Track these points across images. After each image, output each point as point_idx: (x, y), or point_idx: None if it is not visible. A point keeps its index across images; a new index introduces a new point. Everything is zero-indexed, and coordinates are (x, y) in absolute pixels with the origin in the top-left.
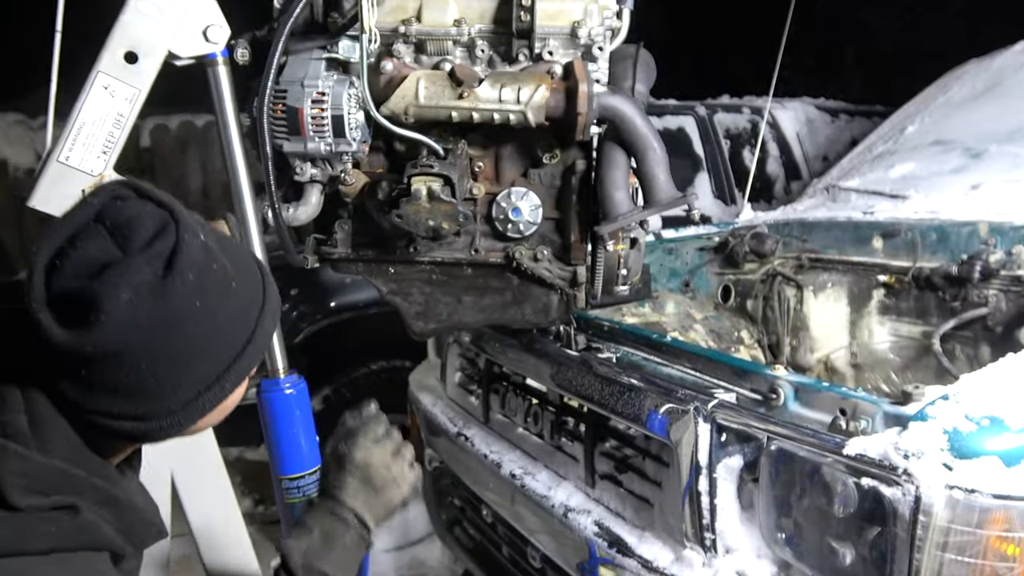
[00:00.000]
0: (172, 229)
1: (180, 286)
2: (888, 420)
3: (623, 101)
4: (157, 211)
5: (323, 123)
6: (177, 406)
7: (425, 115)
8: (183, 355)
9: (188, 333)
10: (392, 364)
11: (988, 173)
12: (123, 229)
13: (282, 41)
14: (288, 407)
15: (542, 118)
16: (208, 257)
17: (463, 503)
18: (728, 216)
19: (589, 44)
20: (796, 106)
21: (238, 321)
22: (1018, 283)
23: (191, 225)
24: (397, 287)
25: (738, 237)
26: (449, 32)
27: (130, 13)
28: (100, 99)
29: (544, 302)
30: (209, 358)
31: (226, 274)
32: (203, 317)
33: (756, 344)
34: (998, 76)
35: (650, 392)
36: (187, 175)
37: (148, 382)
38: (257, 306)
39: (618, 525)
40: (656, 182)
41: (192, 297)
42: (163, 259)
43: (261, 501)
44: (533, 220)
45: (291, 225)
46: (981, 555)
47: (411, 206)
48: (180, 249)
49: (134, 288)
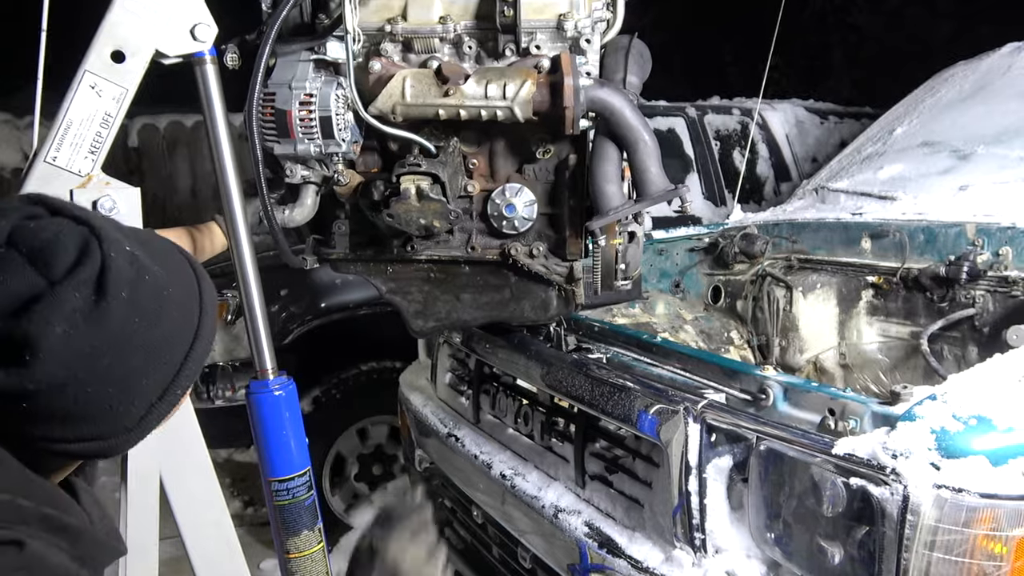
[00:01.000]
0: (95, 247)
1: (115, 308)
2: (876, 420)
3: (611, 93)
4: (75, 228)
5: (312, 125)
6: (133, 422)
7: (413, 113)
8: (132, 373)
9: (133, 350)
10: (382, 365)
11: (976, 174)
12: (42, 254)
13: (270, 43)
14: (277, 408)
15: (530, 113)
16: (138, 269)
17: (453, 504)
18: (718, 217)
19: (576, 37)
20: (786, 107)
21: (179, 325)
22: (1005, 284)
23: (114, 239)
24: (396, 286)
25: (728, 238)
26: (435, 29)
27: (117, 12)
28: (87, 98)
29: (543, 298)
30: (159, 367)
31: (158, 282)
32: (144, 331)
33: (746, 345)
34: (986, 78)
35: (640, 393)
36: (176, 175)
37: (101, 405)
38: (196, 301)
39: (608, 525)
40: (648, 175)
41: (129, 315)
42: (91, 283)
43: (251, 503)
44: (528, 216)
45: (287, 227)
46: (968, 554)
47: (401, 205)
48: (107, 268)
49: (66, 319)
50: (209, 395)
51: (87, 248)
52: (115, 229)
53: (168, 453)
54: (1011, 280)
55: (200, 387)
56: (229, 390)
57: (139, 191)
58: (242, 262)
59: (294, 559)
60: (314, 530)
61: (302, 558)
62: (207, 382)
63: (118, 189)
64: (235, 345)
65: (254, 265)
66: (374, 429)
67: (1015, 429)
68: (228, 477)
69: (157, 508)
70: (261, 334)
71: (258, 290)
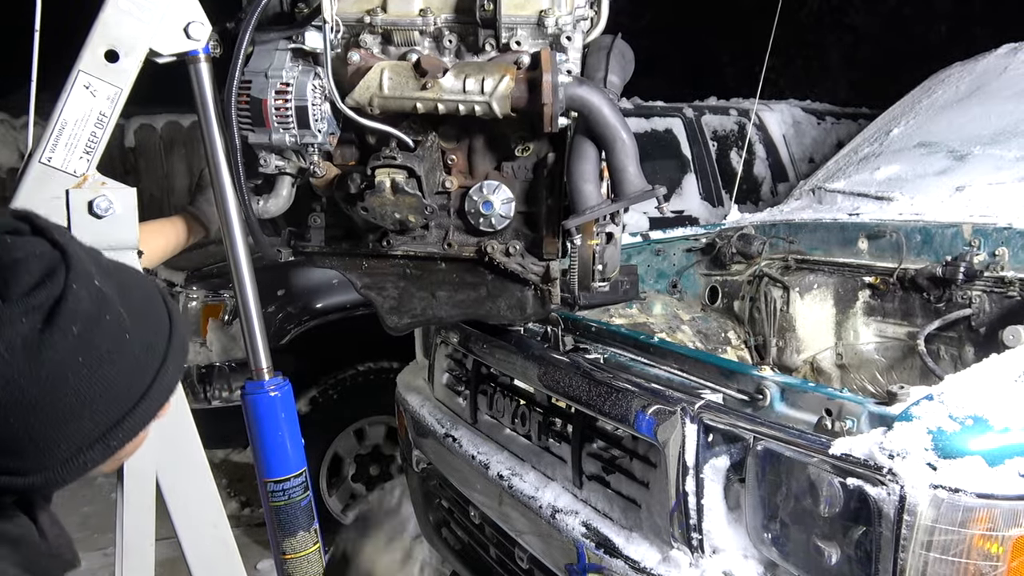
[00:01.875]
0: (60, 276)
1: (59, 340)
2: (873, 420)
3: (590, 91)
4: (49, 253)
5: (287, 114)
6: (54, 463)
7: (390, 106)
8: (61, 412)
9: (68, 390)
10: (379, 365)
11: (972, 175)
12: (5, 272)
13: (249, 31)
14: (273, 409)
15: (508, 109)
16: (100, 307)
17: (451, 504)
18: (715, 217)
19: (557, 34)
20: (783, 108)
21: (131, 374)
22: (1001, 284)
23: (83, 272)
24: (371, 281)
25: (725, 238)
26: (415, 22)
27: (110, 11)
28: (81, 99)
29: (519, 297)
30: (94, 414)
31: (119, 325)
32: (87, 373)
33: (743, 345)
34: (982, 79)
35: (637, 393)
36: (173, 175)
37: (20, 438)
38: (158, 357)
39: (606, 526)
40: (625, 175)
41: (74, 352)
42: (43, 311)
43: (248, 504)
44: (505, 214)
45: (262, 218)
46: (965, 554)
47: (376, 199)
48: (65, 299)
49: (6, 342)
50: (206, 395)
51: (52, 275)
52: (91, 262)
53: (164, 453)
54: (1007, 280)
55: (197, 388)
56: (226, 390)
57: (136, 191)
58: (237, 263)
59: (290, 560)
60: (310, 531)
61: (298, 559)
62: (204, 382)
63: (114, 189)
64: (232, 345)
65: (249, 266)
66: (371, 429)
67: (1011, 429)
68: (225, 478)
69: (153, 509)
70: (256, 335)
71: (253, 291)
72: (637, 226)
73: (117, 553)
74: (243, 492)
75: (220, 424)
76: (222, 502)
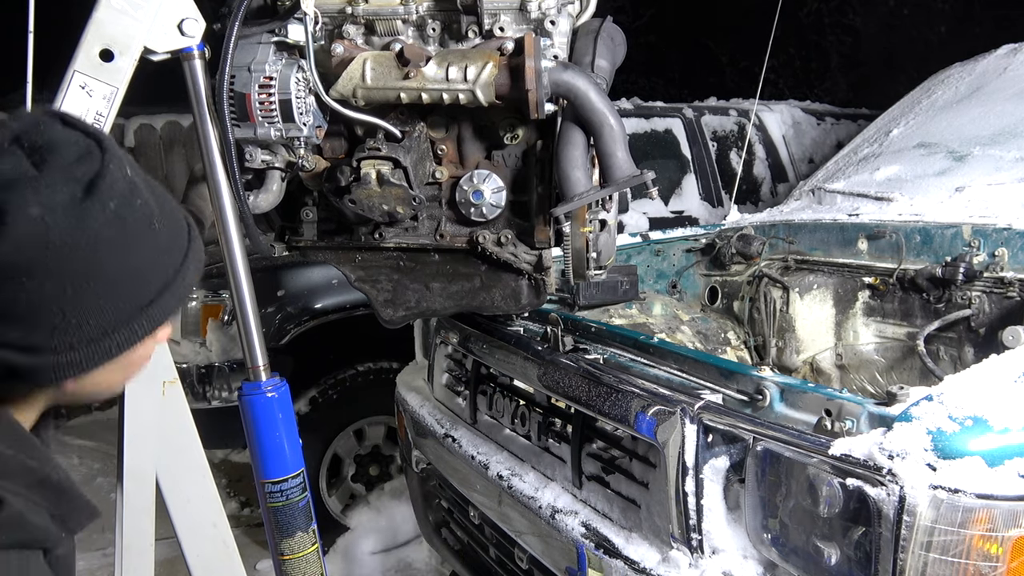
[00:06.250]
0: (97, 156)
1: (99, 212)
2: (873, 421)
3: (576, 76)
4: (83, 139)
5: (271, 108)
6: (79, 342)
7: (374, 97)
8: (93, 286)
9: (102, 263)
10: (379, 365)
11: (971, 176)
12: (42, 151)
13: (236, 26)
14: (270, 410)
15: (492, 96)
16: (132, 191)
17: (450, 505)
18: (715, 218)
19: (541, 19)
20: (782, 108)
21: (157, 263)
22: (1001, 285)
23: (118, 156)
24: (365, 274)
25: (725, 239)
26: (397, 11)
27: (103, 10)
28: (77, 99)
29: (513, 287)
30: (121, 295)
31: (149, 212)
32: (120, 250)
33: (742, 345)
34: (981, 79)
35: (637, 393)
36: (173, 175)
37: (49, 309)
38: (180, 253)
39: (605, 526)
40: (613, 160)
41: (111, 226)
42: (84, 183)
43: (247, 504)
44: (496, 203)
45: (253, 213)
46: (965, 554)
47: (362, 191)
48: (103, 175)
49: (47, 206)
50: (205, 396)
51: (89, 154)
52: (125, 156)
53: (164, 454)
54: (1007, 281)
55: (197, 388)
56: (226, 390)
57: None
58: (234, 264)
59: (288, 561)
60: (308, 531)
61: (296, 560)
62: (204, 382)
63: None
64: (232, 346)
65: (246, 267)
66: (371, 430)
67: (1011, 430)
68: (224, 478)
69: (153, 509)
70: (254, 336)
71: (250, 292)
72: (637, 226)
73: (117, 553)
74: (243, 492)
75: (220, 424)
76: (222, 502)
